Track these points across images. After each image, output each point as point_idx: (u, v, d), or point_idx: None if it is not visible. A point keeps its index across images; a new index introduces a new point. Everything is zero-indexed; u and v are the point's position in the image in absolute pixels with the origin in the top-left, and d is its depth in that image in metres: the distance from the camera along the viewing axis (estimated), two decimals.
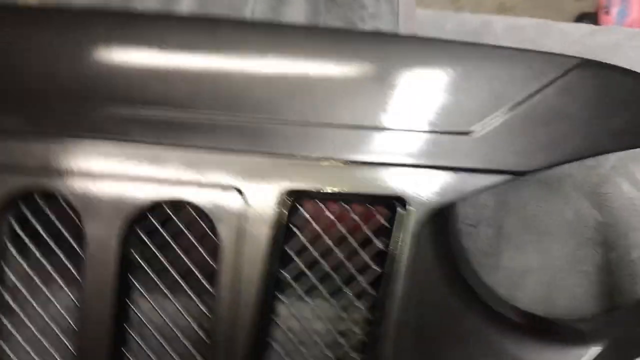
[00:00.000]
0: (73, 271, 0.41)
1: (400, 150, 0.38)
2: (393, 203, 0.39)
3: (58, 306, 0.42)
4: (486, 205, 0.57)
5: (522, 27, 0.69)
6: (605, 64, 0.40)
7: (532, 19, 0.71)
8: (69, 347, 0.41)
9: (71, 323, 0.41)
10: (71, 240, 0.41)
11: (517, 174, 0.38)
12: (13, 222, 0.42)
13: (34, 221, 0.41)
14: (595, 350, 0.40)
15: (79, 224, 0.40)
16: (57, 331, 0.42)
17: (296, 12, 0.49)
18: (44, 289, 0.42)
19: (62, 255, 0.41)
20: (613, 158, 0.58)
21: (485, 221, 0.56)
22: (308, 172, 0.38)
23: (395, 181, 0.38)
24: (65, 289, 0.42)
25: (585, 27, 0.69)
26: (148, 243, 0.41)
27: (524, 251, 0.56)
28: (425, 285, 0.40)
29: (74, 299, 0.41)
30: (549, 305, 0.54)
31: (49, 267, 0.42)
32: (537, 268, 0.55)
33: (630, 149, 0.40)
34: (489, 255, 0.55)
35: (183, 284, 0.41)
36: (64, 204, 0.40)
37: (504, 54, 0.39)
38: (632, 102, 0.39)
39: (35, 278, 0.42)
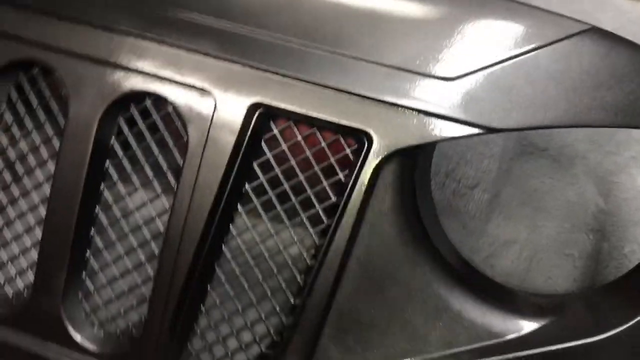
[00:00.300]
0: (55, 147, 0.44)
1: (376, 85, 0.37)
2: (360, 137, 0.39)
3: (39, 178, 0.45)
4: (489, 169, 0.55)
5: None
6: (617, 35, 0.37)
7: None
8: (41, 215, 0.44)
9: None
10: (56, 113, 0.43)
11: (489, 130, 0.37)
12: (13, 90, 0.44)
13: (29, 92, 0.44)
14: (533, 325, 0.39)
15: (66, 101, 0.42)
16: (34, 202, 0.45)
17: None
18: (30, 159, 0.45)
19: (49, 130, 0.44)
20: (637, 148, 0.55)
21: (483, 185, 0.55)
22: (281, 89, 0.38)
23: (364, 114, 0.38)
24: (48, 162, 0.44)
25: None
26: (125, 133, 0.42)
27: (514, 223, 0.54)
28: (379, 224, 0.40)
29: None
30: (524, 280, 0.53)
31: (35, 140, 0.44)
32: (521, 242, 0.54)
33: (620, 127, 0.38)
34: (477, 219, 0.54)
35: (151, 178, 0.42)
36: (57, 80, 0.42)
37: (508, 8, 0.37)
38: (634, 78, 0.36)
39: (23, 148, 0.45)
